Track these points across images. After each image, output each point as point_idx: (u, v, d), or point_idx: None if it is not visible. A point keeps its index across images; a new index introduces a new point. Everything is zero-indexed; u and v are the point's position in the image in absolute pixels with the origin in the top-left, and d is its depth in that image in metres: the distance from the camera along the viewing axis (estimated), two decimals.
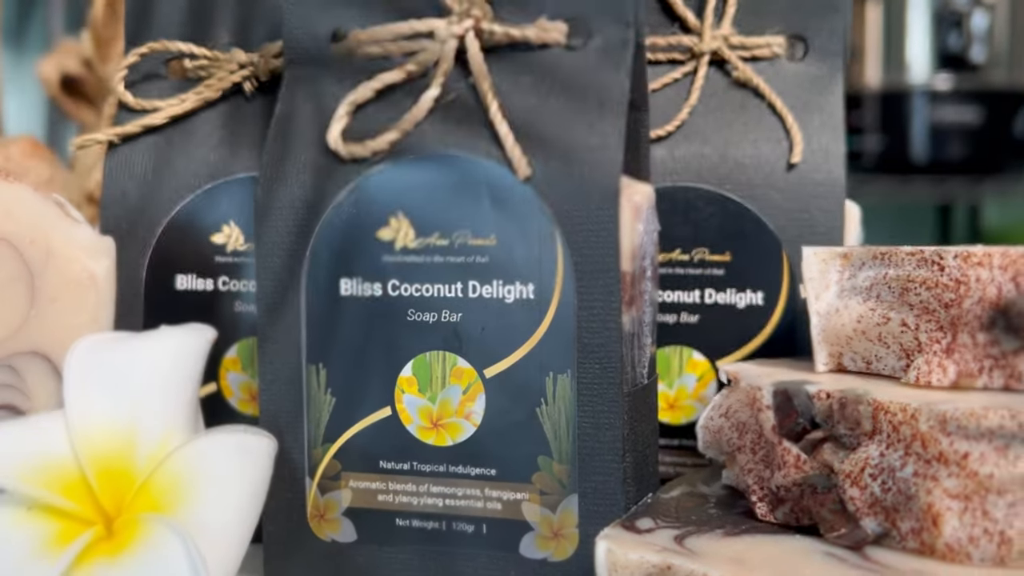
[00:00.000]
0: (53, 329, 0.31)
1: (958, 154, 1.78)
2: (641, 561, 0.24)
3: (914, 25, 1.82)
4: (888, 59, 1.85)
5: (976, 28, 1.94)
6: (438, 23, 0.30)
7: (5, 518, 0.29)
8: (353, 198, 0.30)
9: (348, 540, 0.31)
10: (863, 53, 1.82)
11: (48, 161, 0.53)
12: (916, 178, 1.71)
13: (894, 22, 1.82)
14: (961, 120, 1.82)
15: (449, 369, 0.30)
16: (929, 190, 1.71)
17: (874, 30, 1.86)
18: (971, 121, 1.81)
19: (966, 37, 1.94)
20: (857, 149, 1.54)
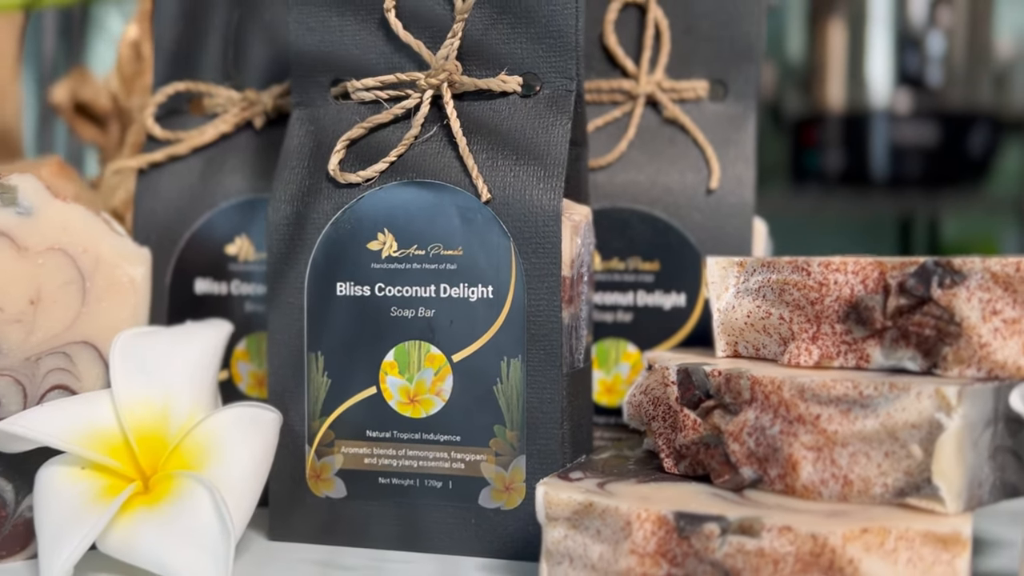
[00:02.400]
0: (100, 323, 0.37)
1: (917, 171, 1.82)
2: (569, 500, 0.30)
3: (874, 48, 1.87)
4: (850, 80, 1.90)
5: (933, 51, 1.99)
6: (418, 75, 0.36)
7: (65, 474, 0.34)
8: (348, 216, 0.36)
9: (340, 496, 0.37)
10: (826, 74, 1.86)
11: (74, 181, 0.58)
12: (877, 193, 1.76)
13: (855, 45, 1.86)
14: (919, 139, 1.87)
15: (424, 355, 0.36)
16: (890, 205, 1.75)
17: (836, 52, 1.90)
18: (929, 140, 1.86)
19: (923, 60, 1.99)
20: (820, 166, 1.59)
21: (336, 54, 0.37)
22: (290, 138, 0.38)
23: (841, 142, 1.91)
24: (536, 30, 0.35)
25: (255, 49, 0.43)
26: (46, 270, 0.35)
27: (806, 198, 1.56)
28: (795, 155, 1.61)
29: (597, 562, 0.29)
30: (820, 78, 1.75)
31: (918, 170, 1.86)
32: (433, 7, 0.36)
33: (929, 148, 1.86)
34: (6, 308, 0.35)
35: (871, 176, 1.87)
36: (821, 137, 1.67)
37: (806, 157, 1.61)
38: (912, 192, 1.81)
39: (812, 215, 1.66)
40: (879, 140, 1.88)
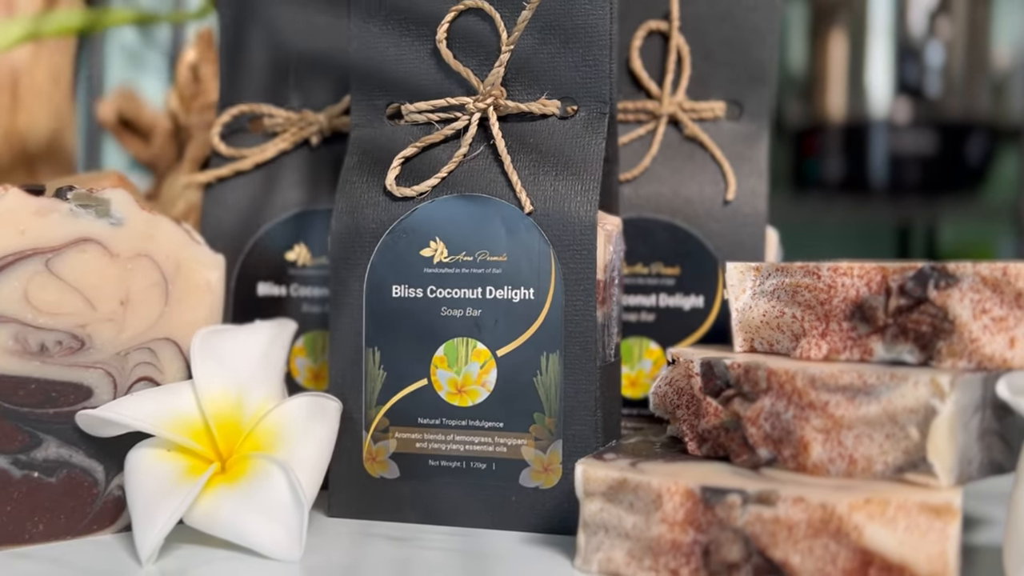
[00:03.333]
0: (180, 322, 0.40)
1: (915, 179, 1.84)
2: (606, 477, 0.33)
3: (874, 58, 1.89)
4: (850, 90, 1.92)
5: (932, 61, 2.01)
6: (467, 99, 0.39)
7: (152, 456, 0.37)
8: (403, 226, 0.39)
9: (393, 477, 0.40)
10: (826, 85, 1.88)
11: (134, 193, 0.62)
12: (876, 201, 1.78)
13: (855, 55, 1.88)
14: (918, 148, 1.89)
15: (470, 350, 0.39)
16: (888, 212, 1.77)
17: (837, 63, 1.92)
18: (927, 149, 1.88)
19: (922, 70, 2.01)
20: (821, 174, 1.61)
21: (392, 81, 0.40)
22: (350, 156, 0.41)
23: (841, 151, 1.93)
24: (573, 59, 0.38)
25: (311, 74, 0.47)
26: (134, 274, 0.39)
27: (807, 205, 1.59)
28: (796, 164, 1.64)
29: (631, 531, 0.32)
30: (821, 88, 1.78)
31: (916, 178, 1.88)
32: (480, 38, 0.39)
33: (927, 156, 1.88)
34: (99, 308, 0.38)
35: (870, 184, 1.89)
36: (822, 146, 1.70)
37: (807, 166, 1.63)
38: (910, 199, 1.83)
39: (813, 222, 1.68)
40: (878, 149, 1.90)
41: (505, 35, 0.38)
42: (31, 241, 0.37)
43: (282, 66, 0.47)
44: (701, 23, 0.46)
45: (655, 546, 0.31)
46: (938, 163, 1.80)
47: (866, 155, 1.87)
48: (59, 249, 0.37)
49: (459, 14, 0.39)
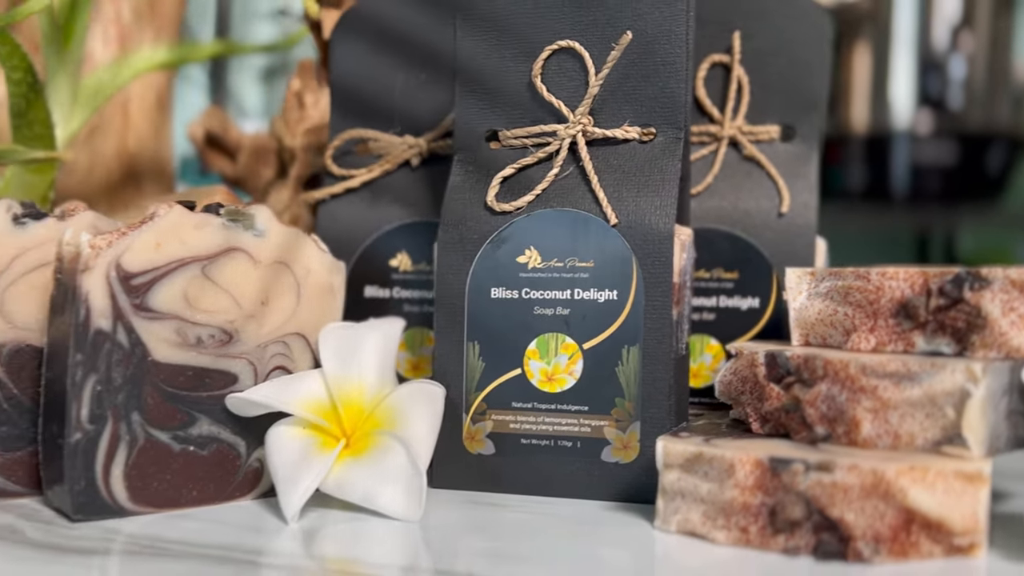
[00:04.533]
0: (309, 319, 0.45)
1: (935, 188, 1.86)
2: (684, 450, 0.37)
3: (898, 71, 1.91)
4: (873, 102, 1.94)
5: (954, 74, 2.03)
6: (558, 127, 0.44)
7: (290, 432, 0.42)
8: (502, 236, 0.44)
9: (489, 453, 0.44)
10: (850, 96, 1.91)
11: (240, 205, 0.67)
12: (897, 210, 1.80)
13: (879, 68, 1.90)
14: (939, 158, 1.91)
15: (560, 344, 0.43)
16: (908, 220, 1.79)
17: (861, 75, 1.94)
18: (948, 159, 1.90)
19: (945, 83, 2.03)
20: (844, 183, 1.64)
21: (492, 111, 0.45)
22: (454, 176, 0.46)
23: (864, 160, 1.95)
24: (653, 91, 0.43)
25: (413, 102, 0.52)
26: (273, 278, 0.44)
27: (829, 213, 1.62)
28: (820, 172, 1.67)
29: (706, 496, 0.37)
30: (845, 99, 1.80)
31: (937, 187, 1.90)
32: (570, 72, 0.44)
33: (948, 167, 1.90)
34: (245, 307, 0.43)
35: (892, 193, 1.91)
36: (845, 156, 1.73)
37: (830, 174, 1.66)
38: (930, 208, 1.85)
39: (835, 230, 1.71)
40: (900, 159, 1.92)
41: (593, 71, 0.43)
42: (190, 250, 0.42)
43: (387, 95, 0.52)
44: (759, 56, 0.50)
45: (727, 508, 0.36)
46: (958, 173, 1.83)
47: (888, 165, 1.90)
48: (213, 257, 0.42)
49: (552, 53, 0.44)
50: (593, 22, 0.43)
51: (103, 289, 0.40)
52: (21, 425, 0.43)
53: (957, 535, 0.34)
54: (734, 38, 0.50)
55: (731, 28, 0.50)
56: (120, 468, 0.41)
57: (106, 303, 0.40)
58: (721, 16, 0.50)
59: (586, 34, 0.44)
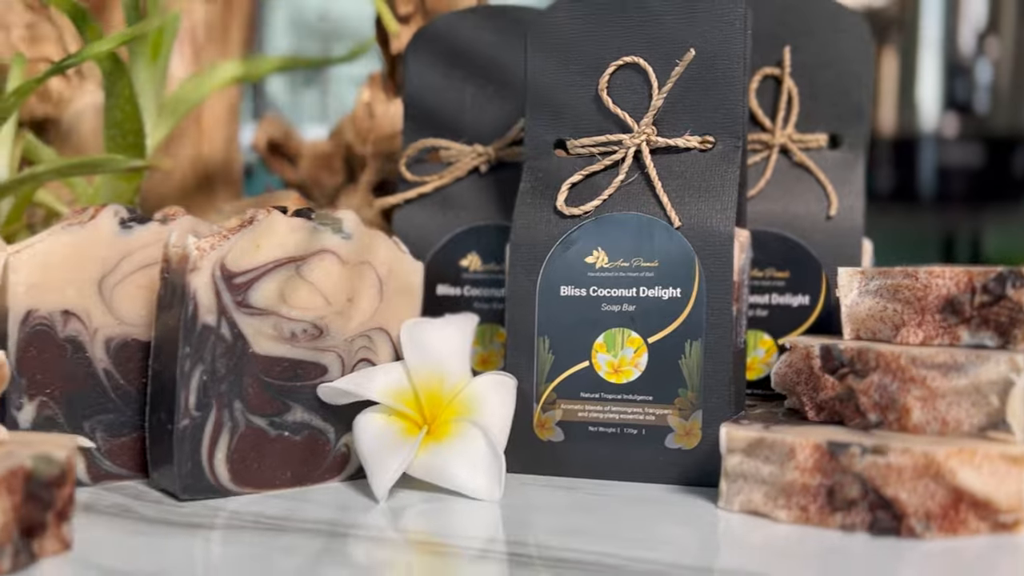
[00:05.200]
0: (391, 315, 0.48)
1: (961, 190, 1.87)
2: (746, 436, 0.40)
3: (925, 75, 1.92)
4: (900, 106, 1.95)
5: (981, 79, 2.03)
6: (624, 136, 0.46)
7: (377, 418, 0.45)
8: (571, 238, 0.47)
9: (559, 440, 0.47)
10: (878, 100, 1.92)
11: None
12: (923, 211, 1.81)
13: (906, 73, 1.91)
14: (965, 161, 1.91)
15: (626, 338, 0.46)
16: (935, 222, 1.80)
17: (889, 79, 1.95)
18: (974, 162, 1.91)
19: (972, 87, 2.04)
20: (871, 185, 1.66)
21: (560, 122, 0.48)
22: (524, 182, 0.49)
23: (891, 163, 1.96)
24: (712, 103, 0.46)
25: (482, 113, 0.54)
26: (359, 278, 0.47)
27: None
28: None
29: (767, 477, 0.39)
30: (873, 103, 1.82)
31: (963, 189, 1.90)
32: (634, 85, 0.47)
33: (974, 169, 1.91)
34: (334, 304, 0.46)
35: (918, 195, 1.92)
36: (873, 158, 1.74)
37: None
38: (956, 210, 1.85)
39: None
40: (927, 162, 1.93)
41: (657, 85, 0.46)
42: (286, 251, 0.45)
43: (457, 107, 0.55)
44: (808, 69, 0.53)
45: (788, 488, 0.38)
46: (984, 175, 1.83)
47: (915, 167, 1.90)
48: (306, 258, 0.45)
49: (618, 68, 0.47)
50: (656, 39, 0.46)
51: (209, 287, 0.43)
52: (127, 413, 0.47)
53: (1002, 513, 0.36)
54: (784, 52, 0.53)
55: (781, 43, 0.53)
56: (223, 452, 0.44)
57: (211, 300, 0.43)
58: (772, 31, 0.53)
59: (649, 50, 0.46)
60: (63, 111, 0.74)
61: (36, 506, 0.34)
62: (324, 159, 0.80)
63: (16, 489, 0.33)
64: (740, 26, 0.45)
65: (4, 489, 0.33)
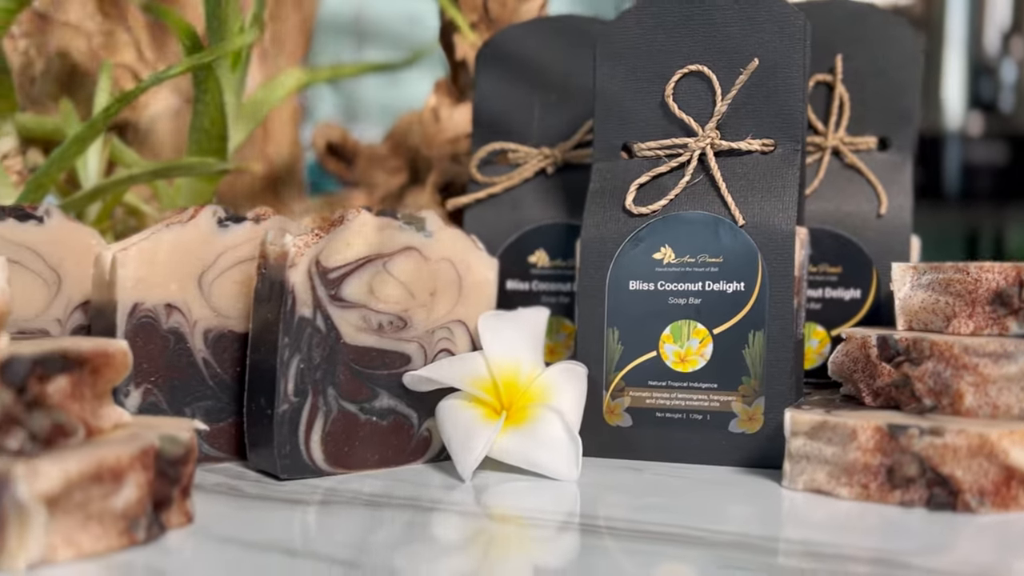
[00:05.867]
0: (468, 308, 0.50)
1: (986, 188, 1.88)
2: (809, 419, 0.42)
3: (950, 75, 1.93)
4: (926, 104, 1.96)
5: (1006, 78, 2.04)
6: (689, 140, 0.49)
7: (459, 404, 0.48)
8: (639, 236, 0.49)
9: (627, 425, 0.50)
10: None
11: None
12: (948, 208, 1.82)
13: (932, 72, 1.92)
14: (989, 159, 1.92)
15: (692, 329, 0.49)
16: (959, 218, 1.82)
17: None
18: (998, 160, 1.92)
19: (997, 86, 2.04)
20: None
21: (627, 126, 0.51)
22: (593, 183, 0.51)
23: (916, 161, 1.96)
24: (773, 109, 0.48)
25: (548, 118, 0.57)
26: (439, 273, 0.50)
27: None
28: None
29: (830, 458, 0.42)
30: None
31: (987, 187, 1.91)
32: (698, 93, 0.49)
33: (998, 167, 1.92)
34: (417, 297, 0.49)
35: (943, 192, 1.93)
36: None
37: None
38: (980, 207, 1.86)
39: None
40: (952, 160, 1.94)
41: (720, 92, 0.48)
42: (374, 249, 0.48)
43: (525, 112, 0.57)
44: (859, 76, 0.55)
45: (850, 468, 0.41)
46: (1008, 173, 1.84)
47: (940, 165, 1.91)
48: (392, 255, 0.48)
49: (683, 75, 0.49)
50: (720, 49, 0.49)
51: (305, 282, 0.46)
52: (223, 400, 0.50)
53: None
54: (836, 60, 0.55)
55: (834, 51, 0.55)
56: (318, 435, 0.47)
57: (308, 294, 0.46)
58: (825, 40, 0.55)
59: (713, 58, 0.49)
60: (140, 115, 0.77)
61: (164, 482, 0.37)
62: (378, 160, 0.83)
63: (149, 466, 0.36)
64: (800, 36, 0.47)
65: (140, 465, 0.36)
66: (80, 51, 0.74)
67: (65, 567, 0.33)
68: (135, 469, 0.35)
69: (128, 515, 0.35)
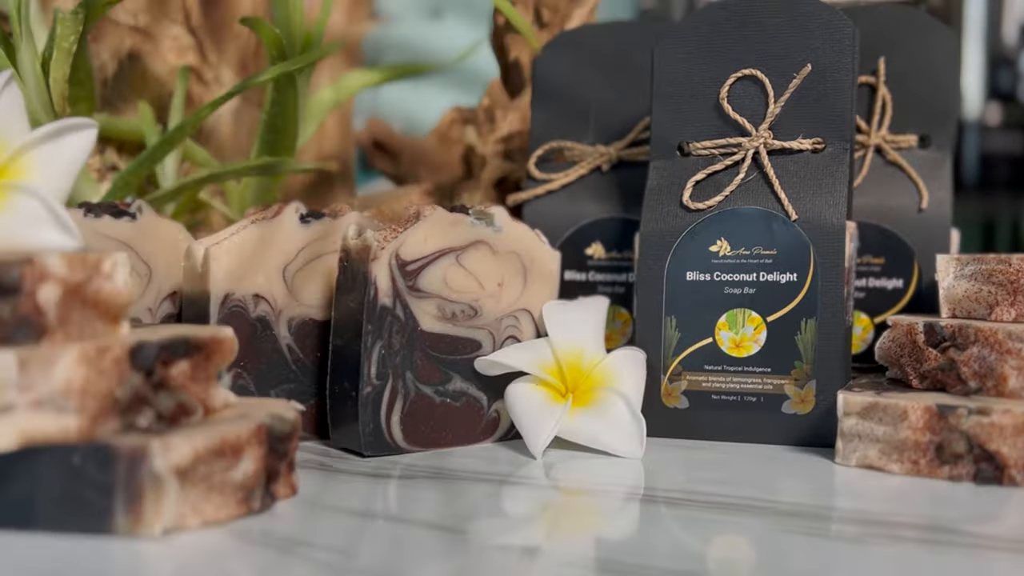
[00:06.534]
0: (533, 298, 0.53)
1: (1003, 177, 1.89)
2: (861, 400, 0.45)
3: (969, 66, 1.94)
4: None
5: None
6: (743, 139, 0.52)
7: (527, 387, 0.50)
8: (696, 229, 0.52)
9: (684, 407, 0.52)
10: None
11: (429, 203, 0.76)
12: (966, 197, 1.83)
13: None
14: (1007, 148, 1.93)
15: (746, 317, 0.51)
16: (977, 207, 1.83)
17: None
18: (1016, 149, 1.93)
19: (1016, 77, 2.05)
20: None
21: (683, 126, 0.53)
22: (651, 180, 0.54)
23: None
24: (823, 110, 0.51)
25: (605, 117, 0.60)
26: (507, 265, 0.52)
27: None
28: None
29: (881, 436, 0.44)
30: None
31: (1005, 176, 1.92)
32: (752, 95, 0.52)
33: (1016, 157, 1.93)
34: (486, 288, 0.52)
35: (962, 182, 1.94)
36: None
37: None
38: (998, 196, 1.88)
39: None
40: (970, 149, 1.95)
41: (773, 95, 0.51)
42: (448, 243, 0.51)
43: (582, 111, 0.60)
44: (901, 78, 0.58)
45: (901, 445, 0.44)
46: None
47: (959, 154, 1.93)
48: (464, 248, 0.51)
49: (737, 79, 0.52)
50: (773, 53, 0.51)
51: (386, 274, 0.49)
52: (304, 383, 0.53)
53: None
54: (879, 63, 0.57)
55: (876, 54, 0.58)
56: (397, 415, 0.50)
57: (388, 285, 0.49)
58: (868, 43, 0.58)
59: (766, 63, 0.51)
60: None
61: (274, 457, 0.40)
62: (422, 155, 0.86)
63: (263, 442, 0.39)
64: (849, 43, 0.50)
65: (256, 441, 0.39)
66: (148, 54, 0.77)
67: (193, 534, 0.36)
68: (252, 444, 0.38)
69: (245, 486, 0.38)
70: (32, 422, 0.35)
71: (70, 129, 0.41)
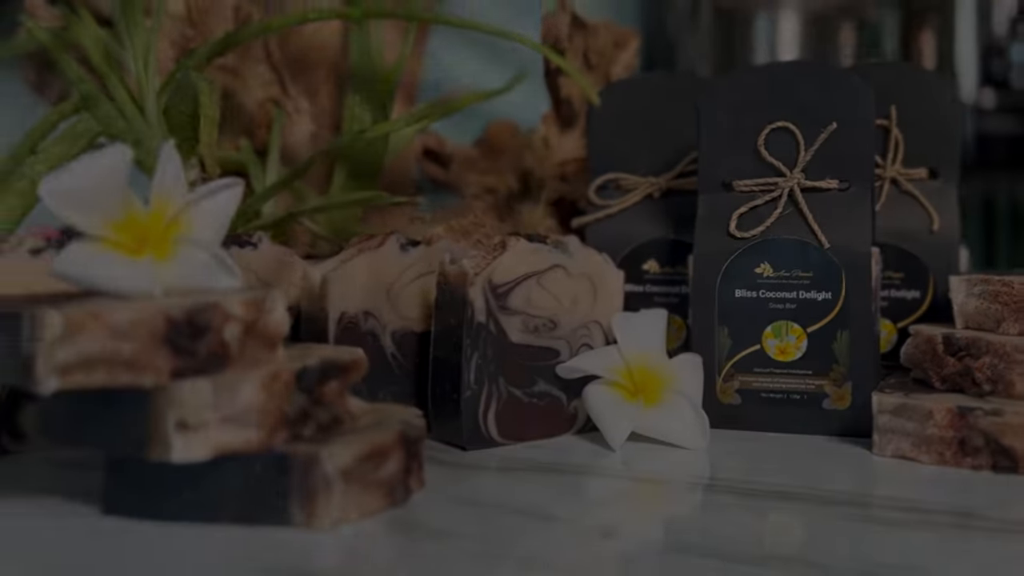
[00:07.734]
0: (602, 311, 0.59)
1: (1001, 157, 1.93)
2: (892, 401, 0.51)
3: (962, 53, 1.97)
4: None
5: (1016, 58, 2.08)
6: (779, 179, 0.57)
7: (602, 389, 0.55)
8: (741, 255, 0.57)
9: (737, 403, 0.57)
10: None
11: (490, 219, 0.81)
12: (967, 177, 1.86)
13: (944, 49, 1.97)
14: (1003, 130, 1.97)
15: (789, 328, 0.57)
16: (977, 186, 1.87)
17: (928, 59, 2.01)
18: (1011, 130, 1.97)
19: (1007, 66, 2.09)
20: None
21: (727, 167, 0.59)
22: (701, 210, 0.59)
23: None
24: (847, 153, 0.56)
25: (654, 152, 0.65)
26: (579, 285, 0.58)
27: None
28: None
29: (911, 431, 0.50)
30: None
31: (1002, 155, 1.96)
32: (785, 143, 0.57)
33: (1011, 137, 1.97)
34: (563, 304, 0.57)
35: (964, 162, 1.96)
36: None
37: None
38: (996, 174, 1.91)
39: None
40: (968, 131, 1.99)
41: (804, 144, 0.56)
42: (531, 267, 0.56)
43: (635, 147, 0.66)
44: (911, 122, 0.63)
45: (928, 440, 0.49)
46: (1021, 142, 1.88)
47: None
48: (544, 272, 0.56)
49: (772, 129, 0.57)
50: (803, 108, 0.57)
51: (481, 296, 0.54)
52: (406, 386, 0.58)
53: None
54: (892, 110, 0.63)
55: (890, 102, 0.63)
56: (492, 413, 0.55)
57: (483, 304, 0.54)
58: (883, 93, 0.63)
59: (797, 116, 0.57)
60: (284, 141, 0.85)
61: (409, 456, 0.46)
62: (471, 163, 0.91)
63: (401, 445, 0.45)
64: (868, 101, 0.55)
65: (399, 444, 0.44)
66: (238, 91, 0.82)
67: (355, 525, 0.41)
68: (395, 448, 0.44)
69: (390, 483, 0.44)
70: (222, 436, 0.40)
71: (223, 187, 0.46)
